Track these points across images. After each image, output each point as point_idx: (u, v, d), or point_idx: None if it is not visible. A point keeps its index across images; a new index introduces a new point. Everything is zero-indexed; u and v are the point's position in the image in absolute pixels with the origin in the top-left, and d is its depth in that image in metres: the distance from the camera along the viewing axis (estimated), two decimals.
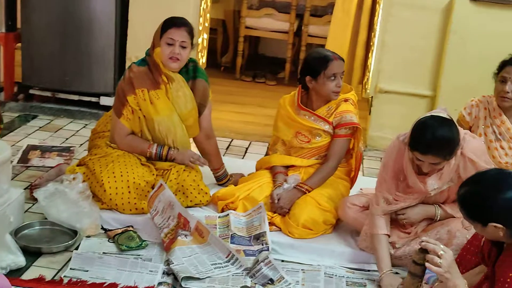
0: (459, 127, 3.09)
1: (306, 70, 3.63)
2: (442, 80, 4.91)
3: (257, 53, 8.01)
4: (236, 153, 4.85)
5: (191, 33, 3.57)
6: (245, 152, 4.91)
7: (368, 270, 3.26)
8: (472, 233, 2.97)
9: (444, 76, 4.90)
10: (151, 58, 3.59)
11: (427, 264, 2.37)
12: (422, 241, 2.40)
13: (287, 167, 3.76)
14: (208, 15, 5.49)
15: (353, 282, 3.16)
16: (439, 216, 3.26)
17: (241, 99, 6.28)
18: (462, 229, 3.13)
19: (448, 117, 3.02)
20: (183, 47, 3.52)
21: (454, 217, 3.23)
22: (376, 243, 3.19)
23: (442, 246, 2.38)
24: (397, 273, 3.16)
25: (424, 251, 2.38)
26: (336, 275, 3.20)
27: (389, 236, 3.24)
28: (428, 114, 3.06)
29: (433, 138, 2.92)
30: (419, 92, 5.07)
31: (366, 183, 4.14)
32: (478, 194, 2.36)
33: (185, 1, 5.08)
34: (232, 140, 5.10)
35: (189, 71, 3.66)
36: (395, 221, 3.34)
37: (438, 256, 2.35)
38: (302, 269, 3.23)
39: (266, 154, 4.78)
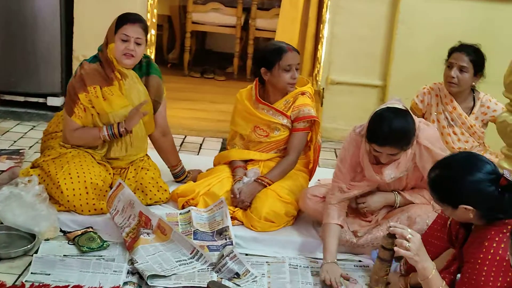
0: (413, 116, 3.13)
1: (261, 62, 3.63)
2: (392, 70, 4.99)
3: (204, 49, 7.96)
4: (190, 150, 4.81)
5: (145, 29, 3.51)
6: (200, 148, 4.88)
7: None
8: (432, 218, 3.02)
9: (394, 66, 4.98)
10: (103, 54, 3.52)
11: (396, 248, 2.39)
12: (390, 226, 2.42)
13: (246, 161, 3.75)
14: (155, 11, 5.42)
15: (318, 272, 3.16)
16: (398, 203, 3.31)
17: (191, 96, 6.23)
18: (422, 215, 3.18)
19: (403, 107, 3.07)
20: (138, 44, 3.46)
21: (414, 203, 3.28)
22: (326, 232, 3.21)
23: (409, 230, 2.41)
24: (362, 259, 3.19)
25: (392, 236, 2.41)
26: (300, 266, 3.22)
27: (342, 226, 3.25)
28: (384, 106, 3.09)
29: (390, 130, 2.96)
30: (370, 82, 5.15)
31: (322, 174, 4.16)
32: (449, 178, 2.40)
33: None
34: (185, 137, 5.06)
35: (143, 67, 3.60)
36: (356, 211, 3.38)
37: (407, 240, 2.38)
38: (266, 262, 3.23)
39: (223, 149, 4.78)
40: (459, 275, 2.56)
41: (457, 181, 2.38)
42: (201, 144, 4.95)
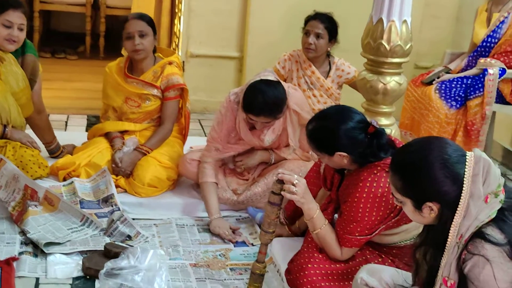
0: (283, 82, 3.41)
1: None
2: (248, 41, 5.24)
3: (49, 29, 7.78)
4: (57, 127, 4.74)
5: (26, 14, 3.49)
6: (66, 125, 4.88)
7: None
8: (304, 170, 3.34)
9: (249, 37, 5.23)
10: None
11: (283, 192, 2.63)
12: (279, 173, 2.66)
13: (122, 132, 3.84)
14: None
15: (204, 229, 3.38)
16: (273, 160, 3.58)
17: (46, 76, 5.93)
18: (294, 169, 3.45)
19: (275, 79, 3.33)
20: (21, 29, 3.44)
21: (286, 159, 3.56)
22: (205, 191, 3.44)
23: (296, 176, 2.66)
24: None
25: (280, 182, 2.63)
26: (187, 225, 3.41)
27: (217, 184, 3.49)
28: (257, 78, 3.34)
29: (264, 102, 3.23)
30: (227, 54, 5.36)
31: (193, 142, 4.33)
32: (325, 128, 2.67)
33: None
34: (49, 115, 5.00)
35: (18, 48, 3.56)
36: (233, 171, 3.61)
37: (294, 185, 2.63)
38: (154, 224, 3.39)
39: (90, 125, 4.82)
40: (335, 216, 2.88)
41: (333, 131, 2.65)
42: (66, 122, 4.94)
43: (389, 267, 2.49)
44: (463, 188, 1.98)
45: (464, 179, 1.98)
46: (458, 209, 1.98)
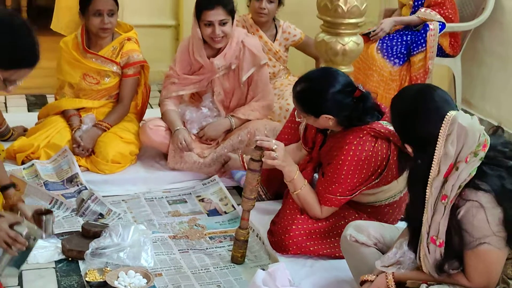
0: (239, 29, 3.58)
1: (81, 6, 3.64)
2: (184, 9, 5.18)
3: None
4: None
5: None
6: (6, 106, 4.71)
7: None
8: (270, 127, 3.49)
9: (184, 4, 5.17)
10: None
11: (264, 159, 2.67)
12: (257, 140, 2.69)
13: (78, 109, 3.75)
14: None
15: (173, 200, 3.39)
16: (234, 125, 3.62)
17: None
18: (259, 128, 3.52)
19: None
20: None
21: (249, 120, 3.61)
22: (167, 115, 3.60)
23: (274, 140, 2.70)
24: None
25: (259, 148, 2.67)
26: (156, 198, 3.40)
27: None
28: None
29: None
30: (163, 23, 5.32)
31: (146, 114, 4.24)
32: (312, 90, 2.70)
33: None
34: None
35: None
36: (196, 136, 3.63)
37: (273, 150, 2.67)
38: (123, 200, 3.36)
39: (31, 105, 4.69)
40: (315, 175, 2.95)
41: (320, 93, 2.68)
42: (5, 103, 4.77)
43: (374, 222, 2.59)
44: (436, 149, 2.01)
45: (438, 140, 2.01)
46: (432, 167, 2.02)
